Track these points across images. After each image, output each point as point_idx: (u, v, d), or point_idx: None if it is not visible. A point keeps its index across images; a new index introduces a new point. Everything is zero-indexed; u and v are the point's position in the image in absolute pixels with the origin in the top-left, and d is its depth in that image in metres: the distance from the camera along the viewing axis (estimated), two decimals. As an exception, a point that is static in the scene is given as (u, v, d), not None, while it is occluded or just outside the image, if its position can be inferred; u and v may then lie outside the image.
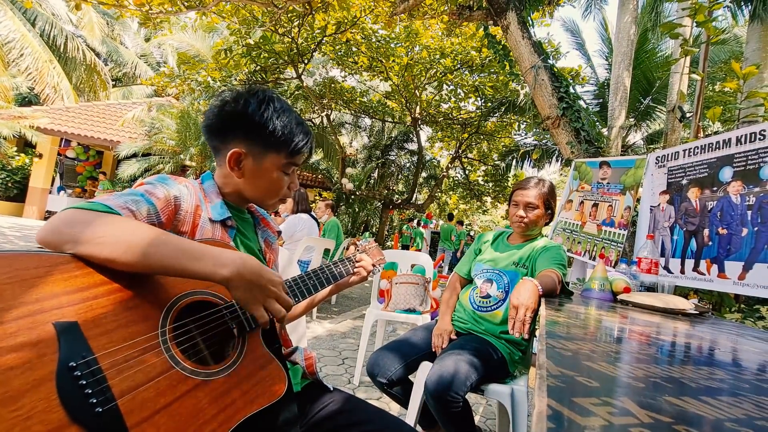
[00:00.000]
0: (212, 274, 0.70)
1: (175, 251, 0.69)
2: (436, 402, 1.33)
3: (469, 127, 10.82)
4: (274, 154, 0.92)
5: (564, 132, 3.93)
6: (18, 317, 0.55)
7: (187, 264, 0.69)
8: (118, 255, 0.65)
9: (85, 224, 0.66)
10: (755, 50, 3.87)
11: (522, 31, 4.09)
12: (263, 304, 0.75)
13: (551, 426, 0.32)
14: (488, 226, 23.18)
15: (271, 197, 0.99)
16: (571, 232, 3.20)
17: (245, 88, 0.94)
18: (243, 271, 0.72)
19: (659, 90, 8.08)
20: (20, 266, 0.58)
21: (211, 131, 0.93)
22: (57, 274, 0.61)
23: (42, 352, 0.55)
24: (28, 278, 0.58)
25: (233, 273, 0.71)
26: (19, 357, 0.53)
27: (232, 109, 0.90)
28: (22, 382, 0.52)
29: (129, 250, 0.65)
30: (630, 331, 0.96)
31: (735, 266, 1.86)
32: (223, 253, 0.72)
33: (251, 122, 0.89)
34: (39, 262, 0.61)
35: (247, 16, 6.84)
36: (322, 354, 3.00)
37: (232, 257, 0.72)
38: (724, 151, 2.01)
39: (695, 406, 0.43)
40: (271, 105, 0.91)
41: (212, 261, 0.70)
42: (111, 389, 0.59)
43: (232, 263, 0.71)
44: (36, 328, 0.56)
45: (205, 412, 0.69)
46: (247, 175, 0.93)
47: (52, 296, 0.59)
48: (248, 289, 0.73)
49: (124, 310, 0.65)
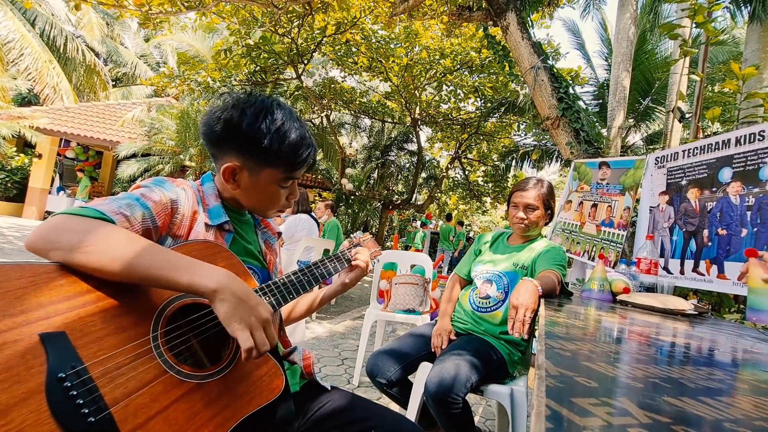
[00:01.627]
0: (198, 285, 0.67)
1: (161, 263, 0.67)
2: (436, 403, 1.33)
3: (469, 128, 10.83)
4: (270, 169, 0.89)
5: (563, 132, 3.93)
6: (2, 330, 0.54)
7: (172, 275, 0.67)
8: (105, 264, 0.64)
9: (74, 232, 0.65)
10: (754, 51, 3.88)
11: (522, 31, 4.09)
12: (249, 326, 0.68)
13: (550, 426, 0.32)
14: (488, 226, 23.17)
15: (268, 209, 0.97)
16: (570, 233, 3.20)
17: (245, 95, 0.89)
18: (231, 286, 0.69)
19: (659, 90, 8.08)
20: (3, 278, 0.57)
21: (208, 140, 0.90)
22: (42, 284, 0.60)
23: (29, 365, 0.54)
24: (11, 289, 0.57)
25: (220, 285, 0.68)
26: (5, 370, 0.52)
27: (229, 120, 0.85)
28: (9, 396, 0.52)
29: (115, 260, 0.64)
30: (629, 331, 0.96)
31: (734, 267, 1.86)
32: (212, 267, 0.71)
33: (246, 137, 0.85)
34: (22, 272, 0.59)
35: (246, 17, 6.84)
36: (321, 354, 2.99)
37: (220, 272, 0.70)
38: (724, 152, 2.01)
39: (694, 407, 0.43)
40: (269, 117, 0.86)
41: (199, 273, 0.68)
42: (103, 398, 0.59)
43: (219, 276, 0.69)
44: (22, 340, 0.55)
45: (202, 416, 0.68)
46: (243, 188, 0.91)
47: (38, 307, 0.58)
48: (235, 304, 0.68)
49: (114, 317, 0.65)
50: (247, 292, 0.70)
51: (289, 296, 0.92)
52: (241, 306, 0.68)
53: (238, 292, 0.69)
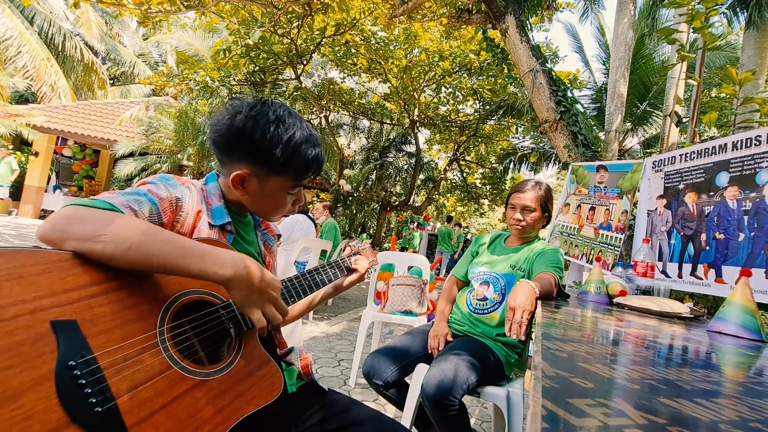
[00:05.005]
0: (213, 273, 0.69)
1: (177, 250, 0.68)
2: (432, 404, 1.33)
3: (467, 130, 10.86)
4: (280, 177, 0.90)
5: (561, 135, 3.95)
6: (16, 315, 0.54)
7: (188, 263, 0.68)
8: (121, 253, 0.64)
9: (87, 221, 0.66)
10: (751, 56, 3.90)
11: (520, 34, 4.11)
12: (261, 308, 0.74)
13: (546, 426, 0.32)
14: (485, 228, 23.22)
15: (274, 214, 0.98)
16: (568, 236, 3.21)
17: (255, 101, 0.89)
18: (244, 272, 0.71)
19: (656, 95, 8.13)
20: (18, 263, 0.58)
21: (218, 147, 0.90)
22: (55, 271, 0.60)
23: (41, 351, 0.55)
24: (26, 276, 0.57)
25: (234, 273, 0.70)
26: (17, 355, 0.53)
27: (241, 129, 0.85)
28: (20, 381, 0.52)
29: (132, 248, 0.65)
30: (625, 333, 0.96)
31: (732, 271, 1.86)
32: (226, 253, 0.72)
33: (257, 146, 0.86)
34: (37, 259, 0.60)
35: (246, 17, 6.84)
36: (318, 355, 2.99)
37: (234, 258, 0.72)
38: (721, 156, 2.02)
39: (690, 408, 0.43)
40: (281, 127, 0.86)
41: (214, 260, 0.70)
42: (110, 389, 0.59)
43: (234, 264, 0.71)
44: (34, 327, 0.55)
45: (203, 413, 0.68)
46: (250, 194, 0.91)
47: (51, 294, 0.58)
48: (248, 290, 0.72)
49: (123, 309, 0.65)
50: (258, 275, 0.74)
51: (290, 299, 0.94)
52: (253, 291, 0.73)
53: (250, 279, 0.73)
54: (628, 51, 4.04)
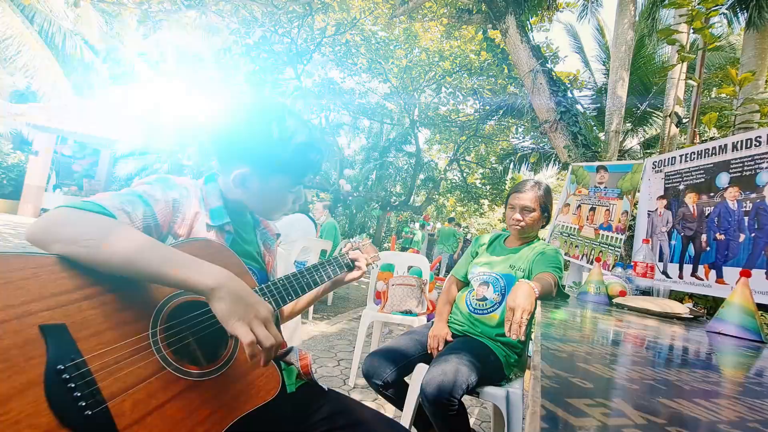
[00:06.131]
0: (195, 282, 0.66)
1: (160, 259, 0.67)
2: (432, 404, 1.33)
3: (468, 130, 10.86)
4: (281, 175, 0.90)
5: (561, 136, 3.95)
6: (3, 320, 0.54)
7: (170, 272, 0.66)
8: (104, 259, 0.64)
9: (75, 225, 0.65)
10: (751, 57, 3.91)
11: (521, 35, 4.11)
12: (248, 323, 0.66)
13: (545, 426, 0.32)
14: (485, 228, 23.21)
15: (274, 212, 0.99)
16: (568, 236, 3.21)
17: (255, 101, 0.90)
18: (229, 284, 0.67)
19: (656, 95, 8.13)
20: (6, 268, 0.57)
21: (219, 145, 0.91)
22: (44, 275, 0.60)
23: (29, 355, 0.54)
24: (14, 280, 0.57)
25: (216, 283, 0.66)
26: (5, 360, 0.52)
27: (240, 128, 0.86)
28: (8, 386, 0.51)
29: (115, 254, 0.64)
30: (625, 334, 0.96)
31: (733, 272, 1.86)
32: (211, 266, 0.70)
33: (259, 146, 0.86)
34: (26, 263, 0.59)
35: (246, 17, 6.83)
36: (317, 355, 2.99)
37: (219, 270, 0.69)
38: (721, 157, 2.02)
39: (689, 408, 0.43)
40: (281, 126, 0.87)
41: (197, 269, 0.67)
42: (101, 392, 0.59)
43: (218, 274, 0.68)
44: (23, 331, 0.55)
45: (198, 413, 0.68)
46: (251, 193, 0.92)
47: (40, 298, 0.58)
48: (233, 302, 0.66)
49: (114, 312, 0.64)
50: (246, 291, 0.69)
51: (288, 297, 0.93)
52: (239, 304, 0.67)
53: (237, 291, 0.67)
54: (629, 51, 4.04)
